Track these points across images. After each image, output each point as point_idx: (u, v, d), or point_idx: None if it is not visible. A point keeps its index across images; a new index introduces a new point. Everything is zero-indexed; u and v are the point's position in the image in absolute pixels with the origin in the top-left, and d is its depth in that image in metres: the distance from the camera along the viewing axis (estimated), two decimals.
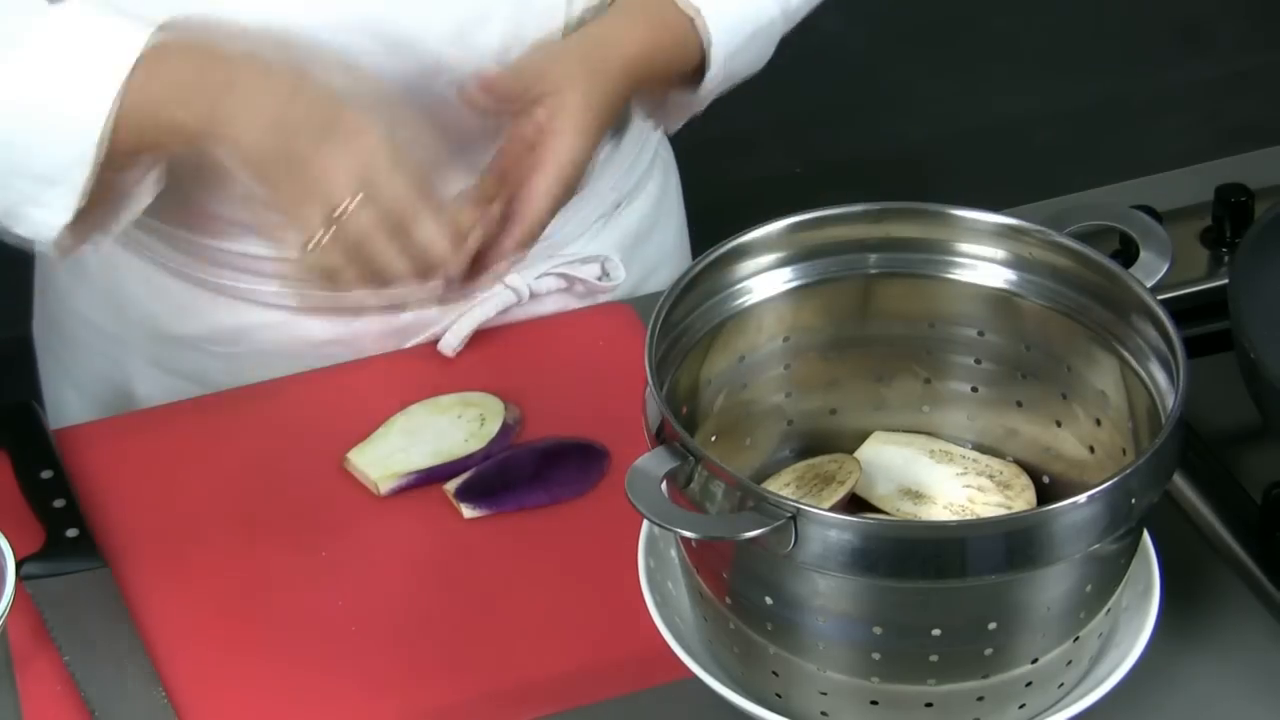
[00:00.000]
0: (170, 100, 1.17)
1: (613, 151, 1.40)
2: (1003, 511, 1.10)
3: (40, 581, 1.17)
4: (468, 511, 1.22)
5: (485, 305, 1.36)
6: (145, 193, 1.24)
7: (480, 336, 1.36)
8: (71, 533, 1.19)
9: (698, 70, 1.33)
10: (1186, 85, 2.80)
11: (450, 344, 1.35)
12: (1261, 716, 1.10)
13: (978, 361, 1.14)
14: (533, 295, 1.38)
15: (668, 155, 1.52)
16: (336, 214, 1.13)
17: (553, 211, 1.22)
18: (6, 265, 1.47)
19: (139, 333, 1.40)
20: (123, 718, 1.10)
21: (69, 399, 1.47)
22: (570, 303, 1.41)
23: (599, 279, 1.41)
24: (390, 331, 1.36)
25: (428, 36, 1.25)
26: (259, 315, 1.37)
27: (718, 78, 1.33)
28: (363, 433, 1.28)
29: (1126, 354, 1.07)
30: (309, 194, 1.14)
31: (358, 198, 1.13)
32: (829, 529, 0.95)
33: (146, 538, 1.21)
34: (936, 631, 0.99)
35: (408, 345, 1.37)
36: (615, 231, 1.44)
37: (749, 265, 1.11)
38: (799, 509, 0.95)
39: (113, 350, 1.42)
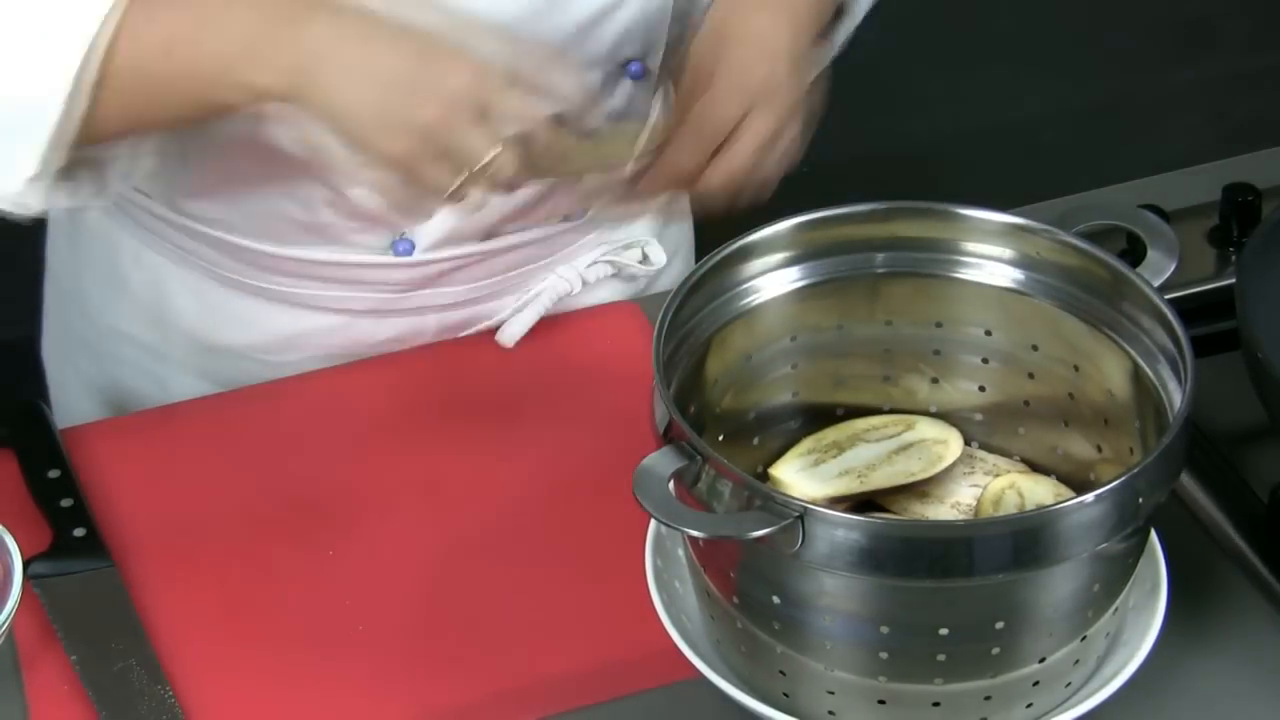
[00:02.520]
0: (236, 58, 1.09)
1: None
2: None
3: (47, 580, 1.17)
4: None
5: (543, 297, 1.36)
6: (145, 154, 1.19)
7: (486, 337, 1.36)
8: (79, 532, 1.19)
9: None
10: (1194, 84, 2.80)
11: (513, 335, 1.35)
12: (1269, 715, 1.10)
13: (985, 361, 1.14)
14: (585, 284, 1.39)
15: None
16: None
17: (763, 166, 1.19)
18: (12, 266, 1.47)
19: (184, 345, 1.38)
20: (129, 716, 1.10)
21: (87, 410, 1.44)
22: (617, 287, 1.42)
23: (640, 263, 1.41)
24: (445, 328, 1.37)
25: (545, 36, 1.22)
26: (317, 320, 1.36)
27: (857, 16, 1.32)
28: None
29: (1134, 353, 1.07)
30: (440, 157, 1.09)
31: (496, 151, 1.08)
32: (836, 528, 0.95)
33: (154, 536, 1.21)
34: (944, 631, 0.99)
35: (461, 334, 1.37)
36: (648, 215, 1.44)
37: (756, 265, 1.11)
38: (806, 508, 0.95)
39: (152, 364, 1.40)
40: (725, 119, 1.18)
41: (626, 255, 1.41)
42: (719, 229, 1.18)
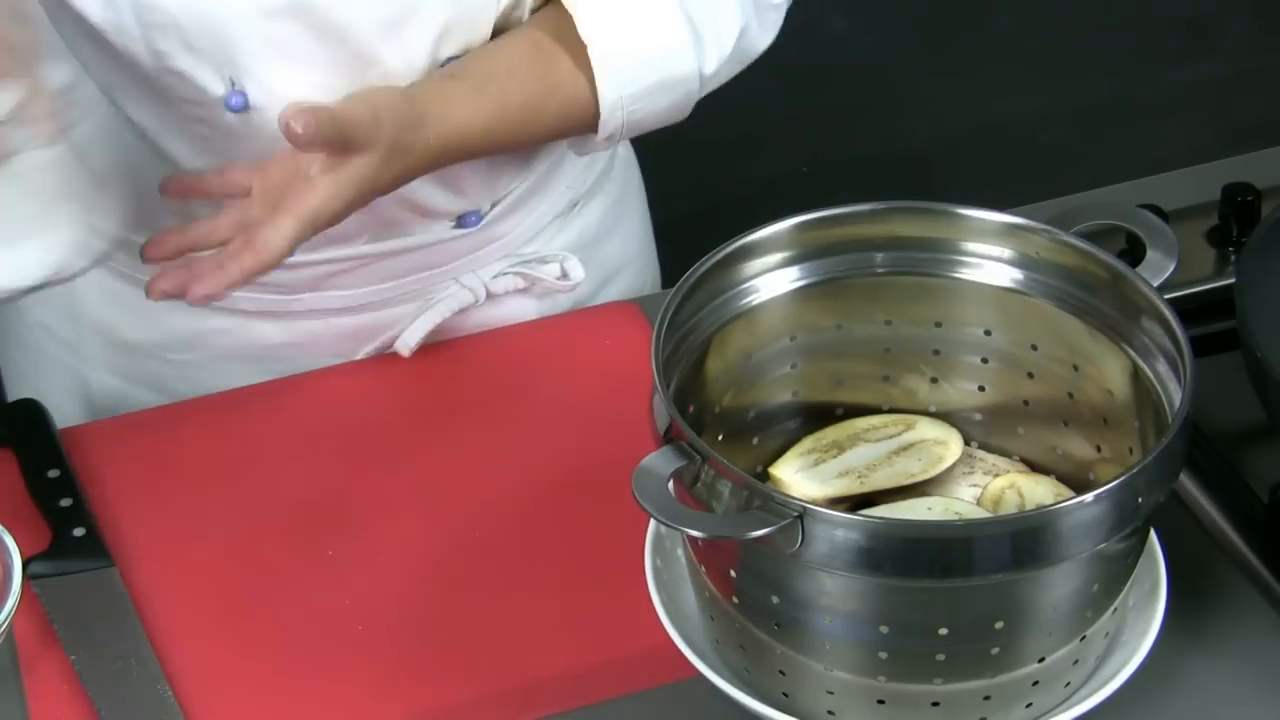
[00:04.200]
0: None
1: (565, 151, 1.38)
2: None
3: (47, 580, 1.17)
4: None
5: (441, 306, 1.35)
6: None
7: (485, 337, 1.36)
8: (78, 532, 1.19)
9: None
10: (1193, 84, 2.80)
11: (408, 344, 1.34)
12: (1268, 716, 1.10)
13: (985, 361, 1.14)
14: (490, 295, 1.37)
15: (628, 155, 1.50)
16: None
17: (285, 255, 1.19)
18: None
19: (96, 340, 1.39)
20: (128, 716, 1.10)
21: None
22: (529, 304, 1.40)
23: (558, 279, 1.40)
24: (345, 334, 1.36)
25: (360, 27, 1.23)
26: (214, 320, 1.36)
27: (611, 125, 1.29)
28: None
29: (1133, 353, 1.07)
30: None
31: None
32: (836, 528, 0.95)
33: (153, 537, 1.21)
34: (943, 631, 0.99)
35: (362, 351, 1.36)
36: (573, 231, 1.43)
37: (756, 264, 1.11)
38: (805, 508, 0.95)
39: (71, 359, 1.41)
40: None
41: (543, 270, 1.39)
42: (718, 229, 1.18)
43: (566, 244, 1.42)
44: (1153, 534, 1.08)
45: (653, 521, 1.08)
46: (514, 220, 1.34)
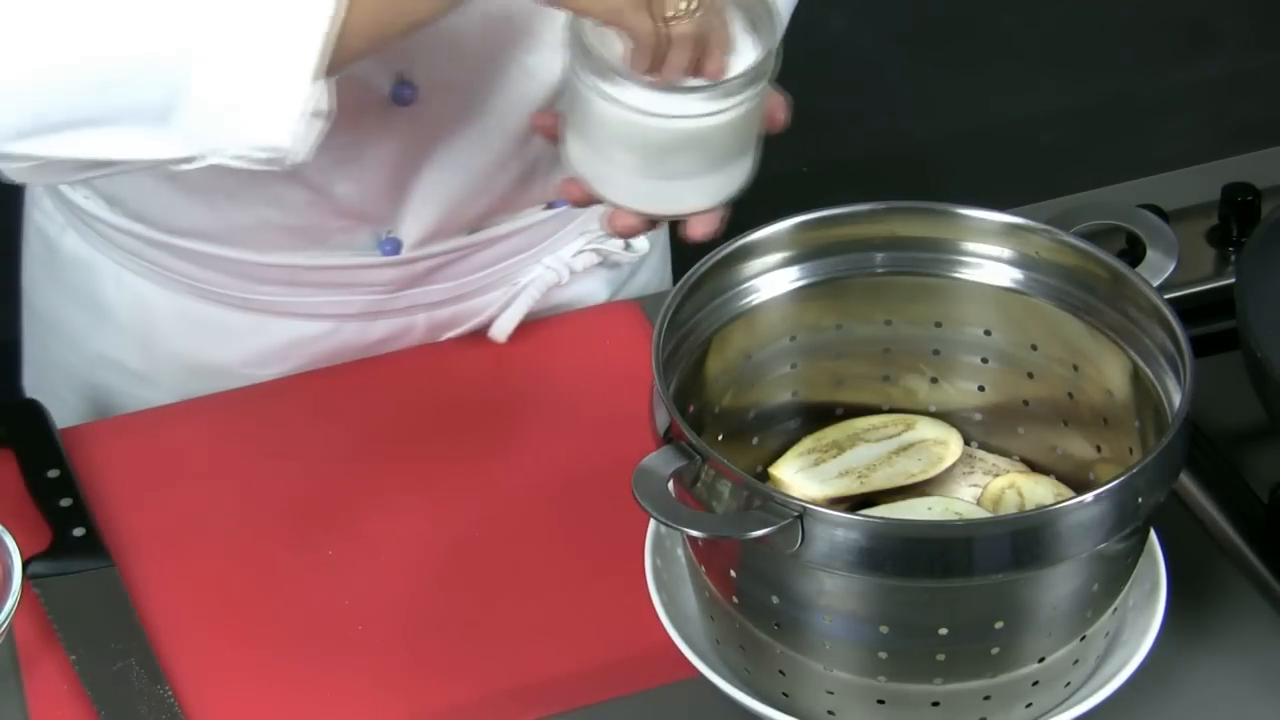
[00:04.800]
0: None
1: None
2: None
3: (47, 580, 1.17)
4: None
5: (531, 289, 1.36)
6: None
7: (485, 337, 1.36)
8: (78, 531, 1.19)
9: None
10: (1193, 84, 2.80)
11: (504, 329, 1.34)
12: (1269, 715, 1.10)
13: (984, 361, 1.14)
14: (572, 273, 1.38)
15: None
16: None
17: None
18: (12, 265, 1.47)
19: (171, 367, 1.37)
20: (129, 716, 1.10)
21: None
22: (605, 277, 1.42)
23: (625, 250, 1.41)
24: (437, 325, 1.37)
25: (523, 2, 1.18)
26: (308, 328, 1.35)
27: None
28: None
29: (1133, 353, 1.07)
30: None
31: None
32: (836, 528, 0.95)
33: (153, 536, 1.21)
34: (943, 630, 0.99)
35: (443, 337, 1.36)
36: None
37: (755, 264, 1.11)
38: (805, 508, 0.95)
39: (138, 389, 1.38)
40: None
41: (610, 243, 1.40)
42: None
43: None
44: (1153, 534, 1.08)
45: (653, 521, 1.08)
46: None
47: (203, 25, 1.04)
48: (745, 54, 1.10)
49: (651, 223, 1.15)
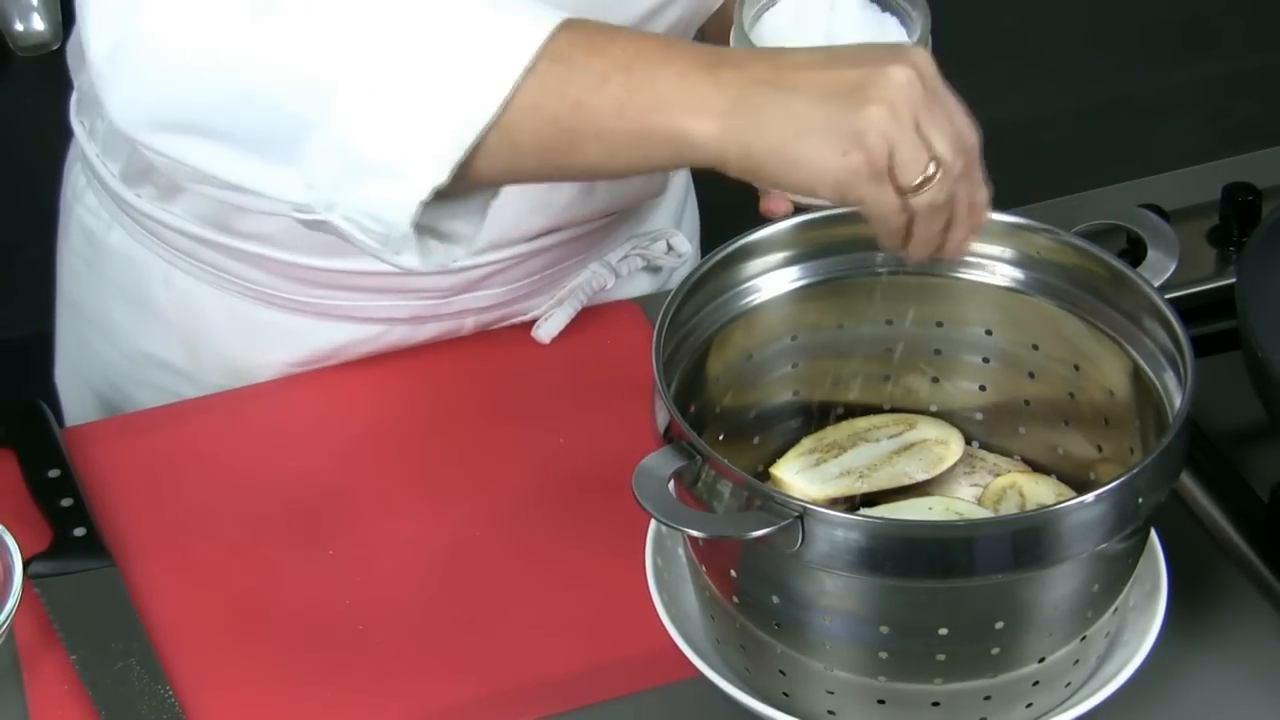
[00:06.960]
0: (672, 105, 0.98)
1: None
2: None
3: (48, 580, 1.17)
4: None
5: (578, 292, 1.37)
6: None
7: (485, 337, 1.36)
8: (79, 531, 1.19)
9: None
10: (1194, 84, 2.80)
11: (550, 332, 1.35)
12: (1269, 715, 1.10)
13: (985, 360, 1.14)
14: (617, 277, 1.39)
15: None
16: (926, 175, 0.99)
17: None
18: (12, 263, 1.47)
19: (216, 366, 1.36)
20: (129, 716, 1.10)
21: None
22: (648, 281, 1.42)
23: (667, 254, 1.42)
24: (480, 327, 1.36)
25: (621, 22, 1.11)
26: (357, 331, 1.34)
27: None
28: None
29: (1134, 353, 1.07)
30: (875, 168, 0.97)
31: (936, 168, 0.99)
32: (836, 528, 0.95)
33: (154, 536, 1.21)
34: (944, 631, 0.99)
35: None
36: (671, 204, 1.45)
37: (757, 264, 1.11)
38: (805, 508, 0.95)
39: (180, 387, 1.37)
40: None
41: (655, 247, 1.41)
42: (720, 229, 1.18)
43: (668, 215, 1.44)
44: (1153, 534, 1.08)
45: (653, 521, 1.08)
46: (633, 199, 1.35)
47: (358, 62, 0.99)
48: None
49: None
